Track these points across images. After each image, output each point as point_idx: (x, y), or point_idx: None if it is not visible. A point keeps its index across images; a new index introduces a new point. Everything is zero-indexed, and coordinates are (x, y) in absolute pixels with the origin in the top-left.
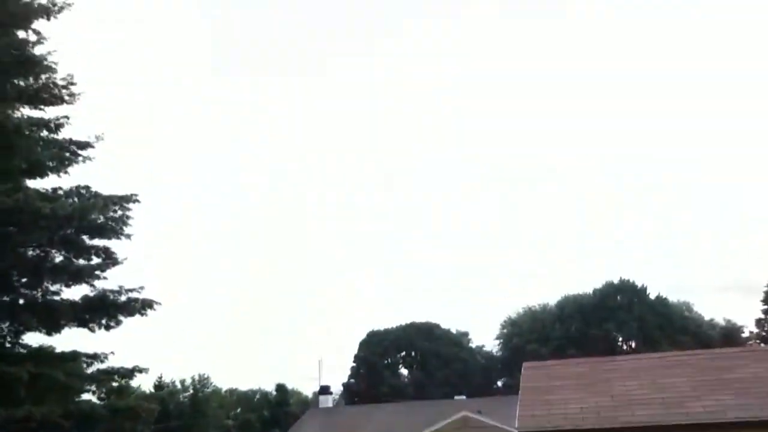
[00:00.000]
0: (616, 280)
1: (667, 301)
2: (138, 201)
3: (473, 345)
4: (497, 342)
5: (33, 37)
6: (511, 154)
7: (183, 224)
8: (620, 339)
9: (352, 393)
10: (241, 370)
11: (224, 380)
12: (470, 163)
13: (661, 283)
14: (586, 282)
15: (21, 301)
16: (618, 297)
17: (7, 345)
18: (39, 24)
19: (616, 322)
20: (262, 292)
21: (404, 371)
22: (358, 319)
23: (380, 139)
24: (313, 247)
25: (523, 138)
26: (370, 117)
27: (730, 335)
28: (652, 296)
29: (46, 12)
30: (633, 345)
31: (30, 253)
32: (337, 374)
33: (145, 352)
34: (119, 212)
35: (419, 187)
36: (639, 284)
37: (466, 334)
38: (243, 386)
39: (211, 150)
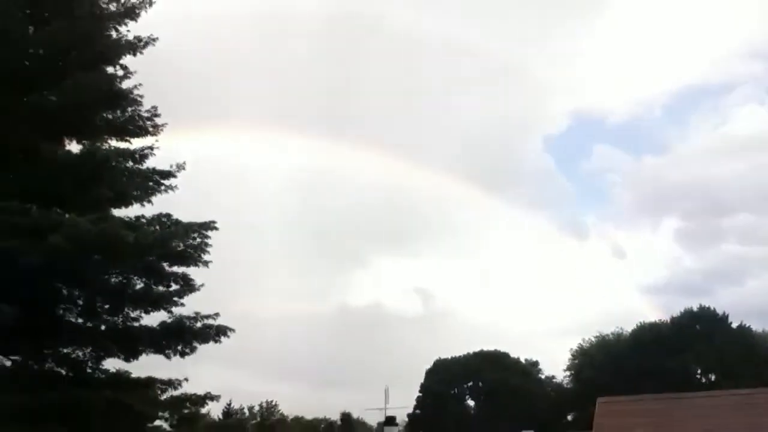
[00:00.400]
0: (695, 307)
1: (750, 330)
2: (216, 228)
3: (543, 376)
4: (567, 373)
5: (120, 72)
6: None
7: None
8: (699, 372)
9: (418, 423)
10: (308, 398)
11: (290, 408)
12: None
13: (741, 308)
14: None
15: (103, 327)
16: (697, 326)
17: (88, 370)
18: (126, 59)
19: (694, 353)
20: (329, 315)
21: (471, 402)
22: (425, 346)
23: None
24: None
25: None
26: None
27: None
28: (734, 324)
29: (133, 48)
30: (713, 378)
31: (113, 280)
32: (404, 402)
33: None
34: (198, 239)
35: None
36: (720, 312)
37: (536, 364)
38: (308, 414)
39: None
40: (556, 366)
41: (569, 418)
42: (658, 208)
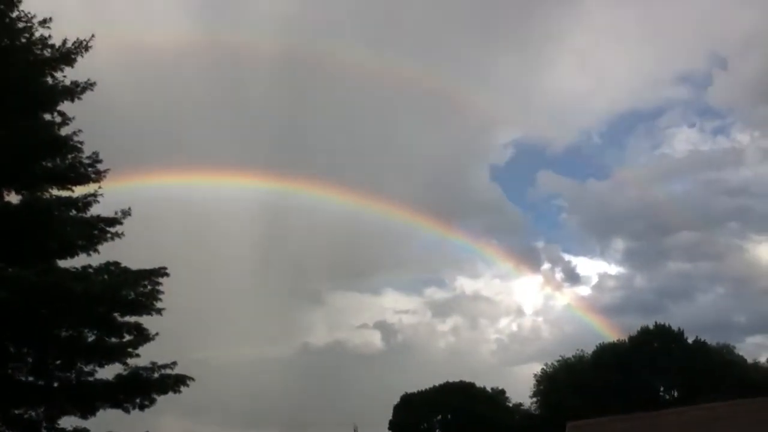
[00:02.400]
0: (651, 326)
1: (705, 344)
2: (167, 274)
3: (510, 404)
4: (534, 399)
5: (58, 119)
6: None
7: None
8: (661, 388)
9: None
10: None
11: None
12: None
13: (694, 324)
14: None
15: (55, 384)
16: (655, 343)
17: (43, 431)
18: (64, 106)
19: (655, 371)
20: (291, 357)
21: None
22: (391, 382)
23: None
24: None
25: None
26: None
27: None
28: (690, 340)
29: (70, 93)
30: (676, 394)
31: (63, 333)
32: None
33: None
34: (149, 287)
35: None
36: (675, 328)
37: (502, 392)
38: None
39: None
40: (521, 393)
41: None
42: (605, 231)
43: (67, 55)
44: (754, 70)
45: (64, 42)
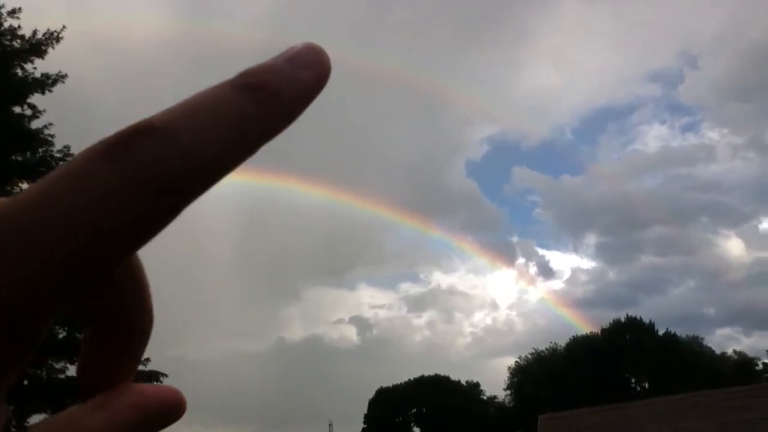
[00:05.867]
0: (623, 318)
1: (676, 336)
2: None
3: (485, 396)
4: (508, 392)
5: (28, 112)
6: None
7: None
8: (633, 380)
9: None
10: None
11: None
12: None
13: (665, 317)
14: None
15: (25, 382)
16: (626, 336)
17: (12, 430)
18: (34, 98)
19: (627, 363)
20: (267, 352)
21: (417, 429)
22: (366, 376)
23: None
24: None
25: None
26: None
27: (743, 369)
28: (661, 332)
29: (41, 86)
30: (646, 386)
31: None
32: None
33: None
34: None
35: None
36: (646, 321)
37: (477, 385)
38: None
39: None
40: (496, 386)
41: None
42: (578, 226)
43: (38, 47)
44: (724, 68)
45: (35, 33)
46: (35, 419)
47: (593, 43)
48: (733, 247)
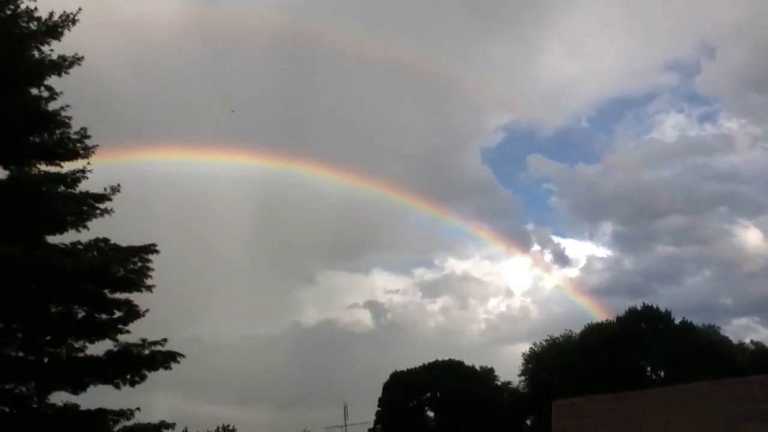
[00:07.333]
0: (639, 307)
1: (692, 325)
2: (157, 251)
3: (499, 382)
4: (522, 378)
5: (45, 93)
6: None
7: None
8: (648, 369)
9: None
10: (266, 420)
11: (247, 428)
12: None
13: (681, 305)
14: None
15: (46, 360)
16: (642, 324)
17: (34, 406)
18: (51, 80)
19: (642, 351)
20: (282, 335)
21: (431, 413)
22: (380, 360)
23: None
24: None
25: None
26: None
27: (761, 359)
28: (677, 321)
29: (57, 68)
30: (662, 374)
31: (53, 310)
32: (364, 417)
33: (168, 405)
34: (139, 264)
35: None
36: (663, 309)
37: (491, 371)
38: None
39: None
40: (510, 372)
41: (528, 422)
42: (594, 214)
43: (54, 29)
44: (742, 59)
45: (51, 15)
46: (56, 397)
47: (610, 32)
48: (751, 237)
